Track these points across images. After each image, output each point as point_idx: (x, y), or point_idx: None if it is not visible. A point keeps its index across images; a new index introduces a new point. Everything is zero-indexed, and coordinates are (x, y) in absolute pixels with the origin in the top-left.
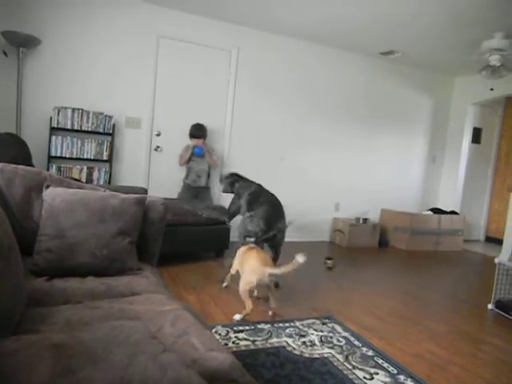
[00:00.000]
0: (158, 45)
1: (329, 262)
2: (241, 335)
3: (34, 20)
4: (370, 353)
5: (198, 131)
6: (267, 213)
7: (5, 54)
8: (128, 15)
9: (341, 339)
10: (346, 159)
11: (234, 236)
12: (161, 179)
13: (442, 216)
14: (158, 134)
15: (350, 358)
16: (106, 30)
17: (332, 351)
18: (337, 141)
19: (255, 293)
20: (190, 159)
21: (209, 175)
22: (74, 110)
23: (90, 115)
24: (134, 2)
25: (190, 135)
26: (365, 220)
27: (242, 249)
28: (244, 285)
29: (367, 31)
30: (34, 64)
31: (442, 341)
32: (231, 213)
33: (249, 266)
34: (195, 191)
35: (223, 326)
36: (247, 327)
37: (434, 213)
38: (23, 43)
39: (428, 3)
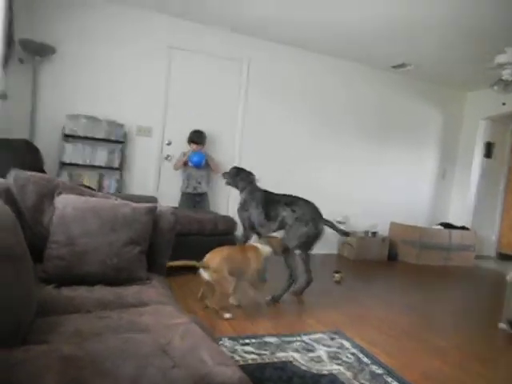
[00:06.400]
0: (169, 55)
1: (337, 275)
2: (247, 348)
3: (48, 29)
4: (380, 371)
5: (198, 137)
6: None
7: (20, 60)
8: (140, 26)
9: (349, 355)
10: (356, 172)
11: None
12: (170, 188)
13: (453, 231)
14: (169, 143)
15: (358, 375)
16: (119, 41)
17: (340, 368)
18: (346, 153)
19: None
20: (185, 164)
21: (208, 181)
22: (86, 117)
23: (102, 123)
24: (146, 13)
25: (190, 140)
26: (374, 233)
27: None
28: None
29: (379, 44)
30: (49, 72)
31: (451, 359)
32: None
33: None
34: (194, 200)
35: (230, 338)
36: (254, 340)
37: (445, 228)
38: (38, 51)
39: (440, 16)
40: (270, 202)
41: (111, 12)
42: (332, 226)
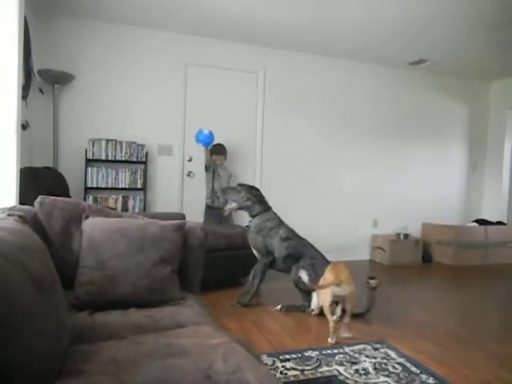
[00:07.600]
0: (186, 72)
1: (372, 281)
2: (288, 364)
3: (66, 57)
4: (431, 380)
5: (219, 149)
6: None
7: (41, 91)
8: (156, 47)
9: (396, 366)
10: (381, 174)
11: None
12: (194, 204)
13: (489, 227)
14: (190, 160)
15: None
16: (136, 62)
17: (388, 380)
18: (370, 156)
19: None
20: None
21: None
22: (107, 141)
23: (124, 145)
24: (162, 33)
25: (212, 152)
26: (406, 235)
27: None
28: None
29: (394, 41)
30: (69, 99)
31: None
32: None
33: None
34: (218, 214)
35: (269, 355)
36: (294, 355)
37: (480, 224)
38: (58, 80)
39: (456, 6)
40: (292, 242)
41: (127, 34)
42: None
